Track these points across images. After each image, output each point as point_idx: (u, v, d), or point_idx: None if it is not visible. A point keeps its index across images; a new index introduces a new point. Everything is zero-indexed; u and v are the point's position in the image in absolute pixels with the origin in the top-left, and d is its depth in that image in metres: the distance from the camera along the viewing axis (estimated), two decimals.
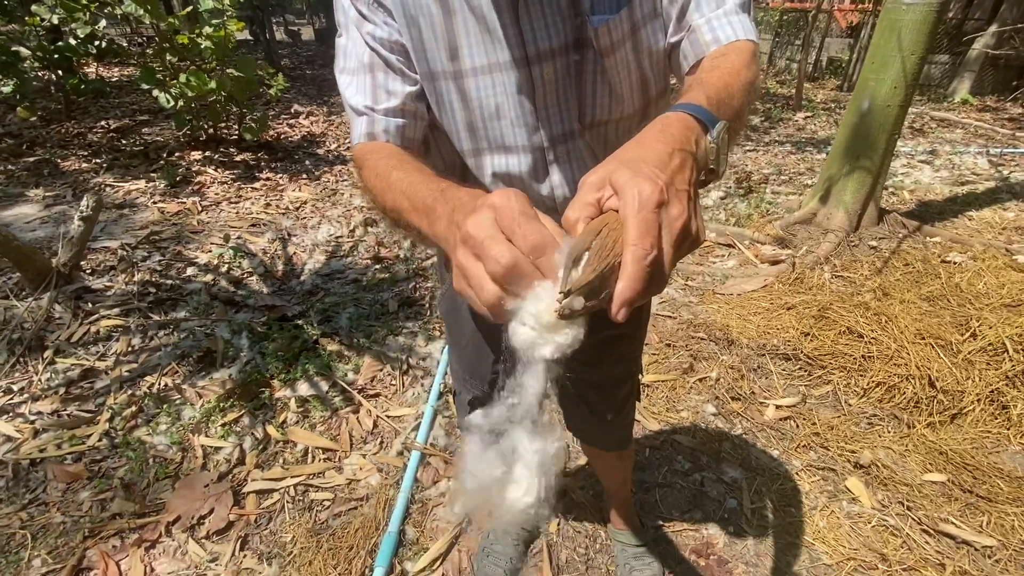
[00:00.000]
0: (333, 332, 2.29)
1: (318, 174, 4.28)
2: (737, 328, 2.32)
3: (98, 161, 4.22)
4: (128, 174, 4.01)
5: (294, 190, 3.94)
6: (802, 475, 1.67)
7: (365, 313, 2.44)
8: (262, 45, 9.36)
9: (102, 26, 4.44)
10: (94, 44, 4.43)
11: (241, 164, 4.36)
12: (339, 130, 5.59)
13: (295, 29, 15.56)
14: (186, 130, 4.38)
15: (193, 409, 1.85)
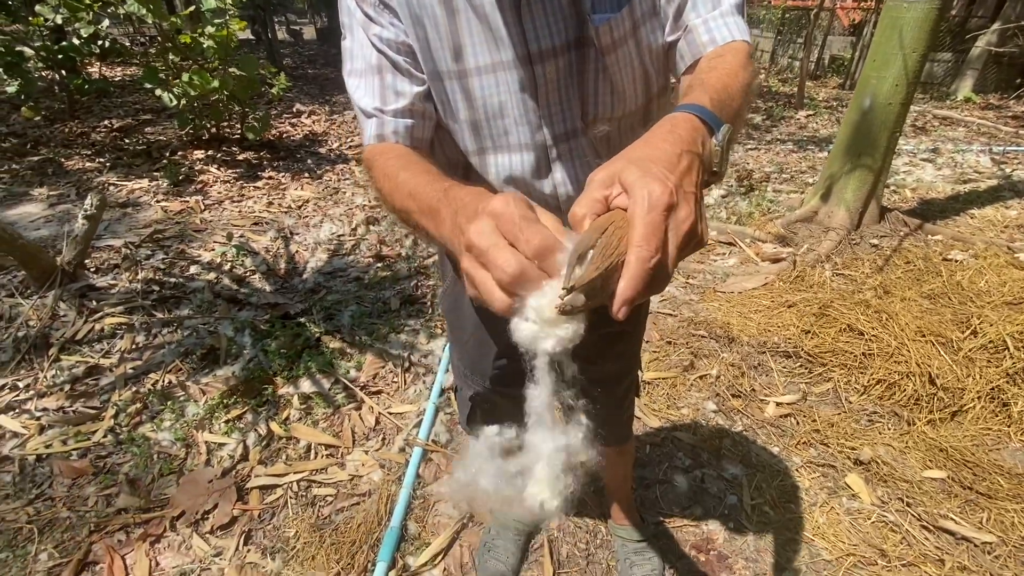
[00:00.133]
0: (335, 330, 2.30)
1: (320, 173, 4.30)
2: (738, 326, 2.32)
3: (101, 160, 4.24)
4: (131, 173, 4.03)
5: (296, 189, 3.95)
6: (802, 471, 1.68)
7: (367, 311, 2.46)
8: (264, 44, 9.38)
9: (105, 26, 4.46)
10: (97, 44, 4.45)
11: (243, 163, 4.38)
12: (341, 129, 5.60)
13: (297, 28, 15.57)
14: (189, 129, 4.40)
15: (197, 406, 1.86)
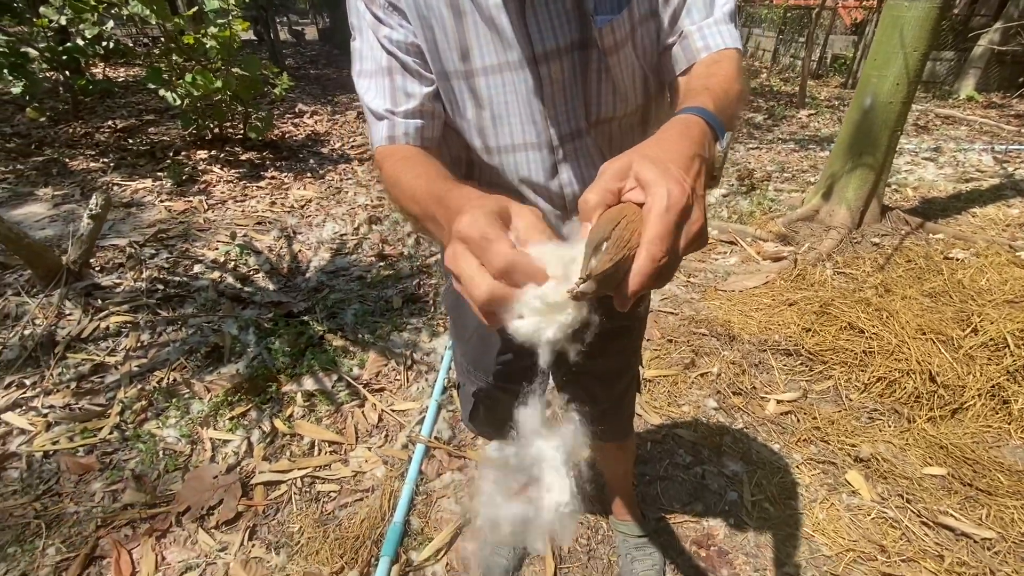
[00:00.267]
0: (338, 328, 2.32)
1: (322, 173, 4.32)
2: (739, 324, 2.33)
3: (105, 160, 4.26)
4: (135, 173, 4.05)
5: (299, 188, 3.97)
6: (802, 468, 1.68)
7: (370, 309, 2.47)
8: (266, 45, 9.41)
9: (109, 27, 4.48)
10: (101, 45, 4.47)
11: (246, 163, 4.40)
12: (343, 129, 5.61)
13: (299, 29, 15.63)
14: (192, 129, 4.42)
15: (201, 403, 1.88)
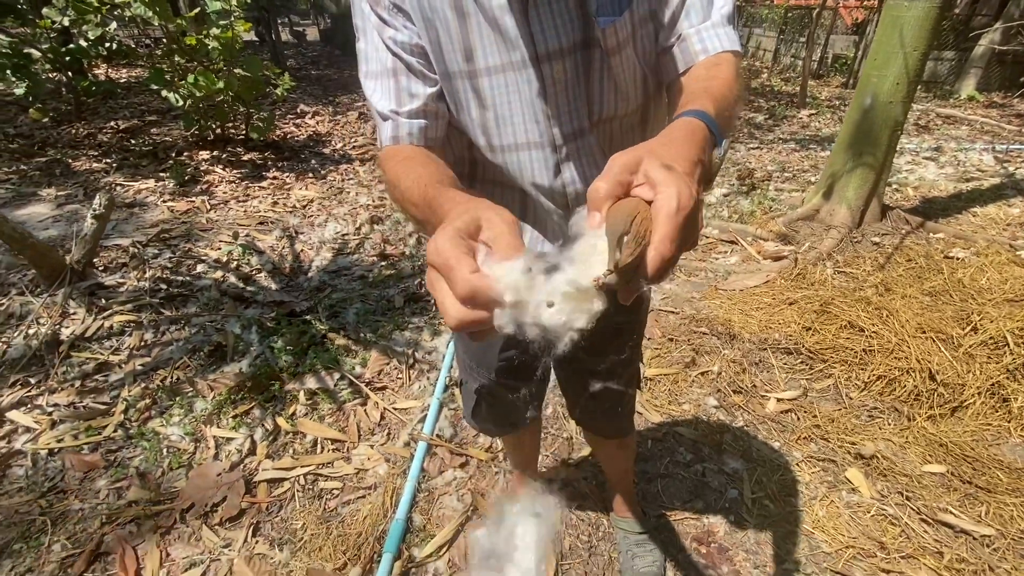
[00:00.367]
0: (340, 327, 2.33)
1: (324, 173, 4.33)
2: (739, 323, 2.34)
3: (108, 161, 4.28)
4: (138, 174, 4.07)
5: (301, 189, 3.99)
6: (802, 466, 1.69)
7: (372, 309, 2.48)
8: (268, 46, 9.42)
9: (112, 28, 4.50)
10: (104, 46, 4.49)
11: (248, 163, 4.41)
12: (344, 130, 5.63)
13: (300, 30, 15.66)
14: (194, 130, 4.43)
15: (205, 401, 1.89)
